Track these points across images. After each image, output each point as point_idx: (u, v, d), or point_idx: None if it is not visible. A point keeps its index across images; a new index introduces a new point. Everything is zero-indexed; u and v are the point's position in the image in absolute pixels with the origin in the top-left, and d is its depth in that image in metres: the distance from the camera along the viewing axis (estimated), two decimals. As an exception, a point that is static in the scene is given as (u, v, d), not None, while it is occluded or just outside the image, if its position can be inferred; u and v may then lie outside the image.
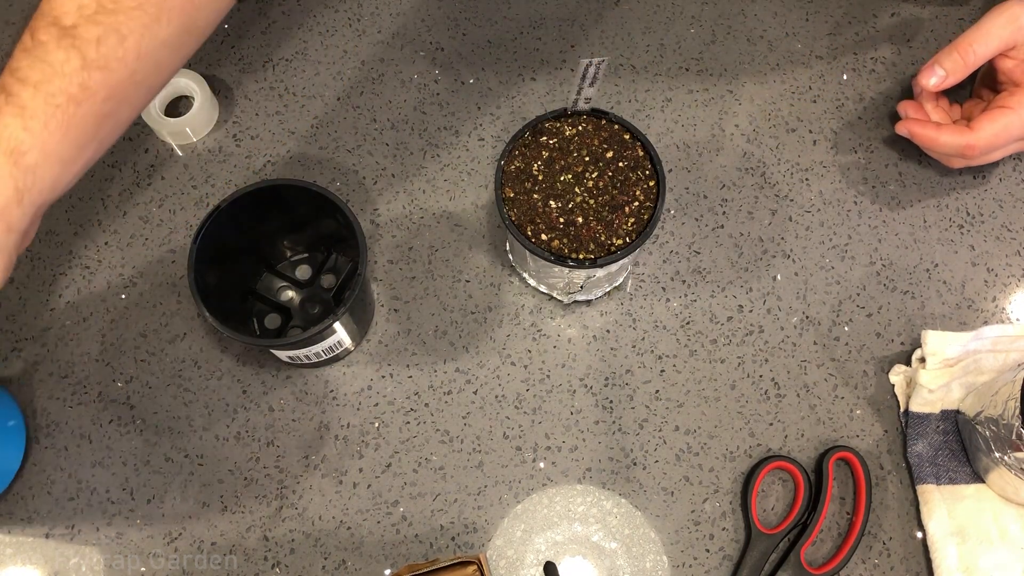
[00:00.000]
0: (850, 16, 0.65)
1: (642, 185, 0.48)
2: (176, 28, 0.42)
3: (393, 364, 0.55)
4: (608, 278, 0.53)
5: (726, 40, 0.64)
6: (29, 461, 0.53)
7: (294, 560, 0.51)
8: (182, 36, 0.43)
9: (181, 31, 0.42)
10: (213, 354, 0.55)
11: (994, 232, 0.59)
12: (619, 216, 0.48)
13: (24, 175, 0.38)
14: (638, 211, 0.48)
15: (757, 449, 0.54)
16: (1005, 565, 0.50)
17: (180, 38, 0.43)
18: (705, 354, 0.56)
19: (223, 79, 0.62)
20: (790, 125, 0.62)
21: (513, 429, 0.54)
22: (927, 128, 0.56)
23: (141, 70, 0.41)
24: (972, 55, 0.54)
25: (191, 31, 0.44)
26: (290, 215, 0.52)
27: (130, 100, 0.42)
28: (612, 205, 0.48)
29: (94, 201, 0.59)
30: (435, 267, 0.57)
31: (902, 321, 0.57)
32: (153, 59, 0.41)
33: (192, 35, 0.44)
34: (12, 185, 0.38)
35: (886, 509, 0.53)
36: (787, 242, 0.59)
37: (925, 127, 0.56)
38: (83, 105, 0.39)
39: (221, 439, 0.53)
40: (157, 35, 0.41)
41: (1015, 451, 0.47)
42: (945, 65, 0.55)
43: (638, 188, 0.48)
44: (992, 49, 0.54)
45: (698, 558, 0.51)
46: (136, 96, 0.42)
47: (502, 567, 0.51)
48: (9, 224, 0.38)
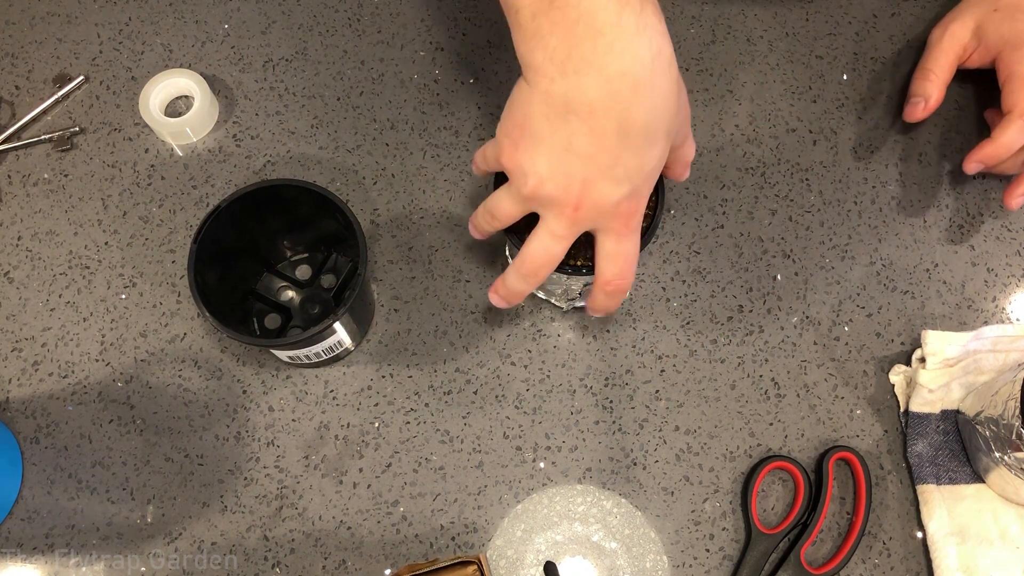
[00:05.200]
0: (850, 16, 0.65)
1: None
2: None
3: (393, 364, 0.55)
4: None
5: (726, 40, 0.64)
6: (29, 462, 0.53)
7: (294, 560, 0.51)
8: None
9: None
10: (213, 354, 0.55)
11: (994, 232, 0.59)
12: None
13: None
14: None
15: (757, 449, 0.54)
16: (1005, 565, 0.50)
17: None
18: (705, 354, 0.56)
19: (223, 79, 0.62)
20: (790, 125, 0.62)
21: (513, 429, 0.54)
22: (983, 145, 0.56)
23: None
24: (935, 76, 0.58)
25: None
26: (290, 215, 0.52)
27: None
28: None
29: (94, 201, 0.59)
30: (435, 267, 0.57)
31: (902, 321, 0.57)
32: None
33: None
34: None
35: (886, 509, 0.53)
36: (787, 242, 0.59)
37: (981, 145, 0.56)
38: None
39: (221, 439, 0.53)
40: None
41: (1015, 451, 0.47)
42: (920, 93, 0.58)
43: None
44: (950, 62, 0.58)
45: (698, 558, 0.51)
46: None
47: (502, 567, 0.51)
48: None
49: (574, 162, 0.39)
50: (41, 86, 0.62)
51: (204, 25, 0.63)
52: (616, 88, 0.37)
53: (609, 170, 0.39)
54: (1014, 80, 0.55)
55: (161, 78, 0.60)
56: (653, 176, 0.42)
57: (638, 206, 0.42)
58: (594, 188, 0.40)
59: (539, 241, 0.43)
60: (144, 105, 0.59)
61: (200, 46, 0.63)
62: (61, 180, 0.59)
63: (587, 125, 0.38)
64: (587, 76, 0.37)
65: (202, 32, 0.63)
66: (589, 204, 0.40)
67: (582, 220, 0.41)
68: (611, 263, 0.43)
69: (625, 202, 0.41)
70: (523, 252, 0.44)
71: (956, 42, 0.58)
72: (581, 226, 0.42)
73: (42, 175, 0.59)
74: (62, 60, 0.62)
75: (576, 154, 0.39)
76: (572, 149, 0.39)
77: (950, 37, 0.58)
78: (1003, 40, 0.56)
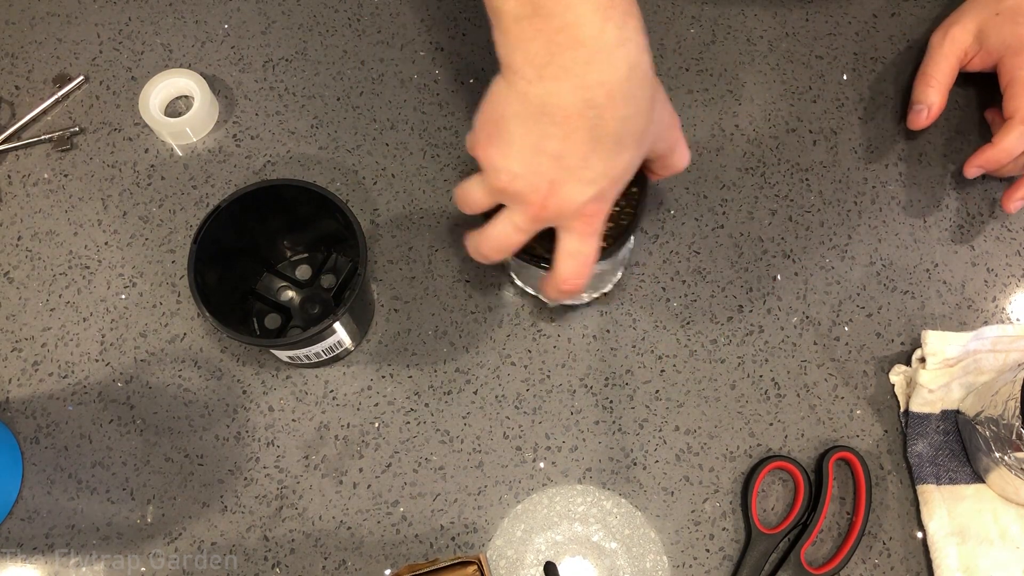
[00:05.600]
0: (850, 16, 0.65)
1: (625, 190, 0.47)
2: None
3: (393, 364, 0.55)
4: (591, 284, 0.53)
5: (726, 40, 0.64)
6: (29, 462, 0.53)
7: (294, 560, 0.51)
8: None
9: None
10: (213, 354, 0.55)
11: (994, 232, 0.59)
12: None
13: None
14: (618, 216, 0.47)
15: (757, 449, 0.54)
16: (1005, 565, 0.50)
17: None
18: (705, 354, 0.56)
19: (223, 79, 0.62)
20: (790, 125, 0.62)
21: (513, 429, 0.54)
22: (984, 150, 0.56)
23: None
24: (937, 81, 0.58)
25: None
26: (290, 215, 0.52)
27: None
28: None
29: (94, 201, 0.59)
30: (435, 267, 0.57)
31: (902, 321, 0.57)
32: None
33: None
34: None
35: (886, 509, 0.53)
36: (787, 242, 0.59)
37: (982, 150, 0.56)
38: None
39: (221, 439, 0.53)
40: None
41: (1015, 451, 0.47)
42: (922, 100, 0.58)
43: (621, 195, 0.47)
44: (951, 67, 0.58)
45: (698, 558, 0.51)
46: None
47: (502, 567, 0.51)
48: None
49: (544, 163, 0.40)
50: (41, 86, 0.62)
51: (204, 25, 0.63)
52: (591, 96, 0.38)
53: (577, 172, 0.40)
54: (1015, 85, 0.55)
55: (161, 78, 0.60)
56: (620, 181, 0.42)
57: (602, 209, 0.43)
58: (561, 189, 0.41)
59: (500, 228, 0.44)
60: (144, 105, 0.59)
61: (200, 46, 0.63)
62: (61, 180, 0.59)
63: (560, 129, 0.39)
64: (564, 82, 0.38)
65: (202, 32, 0.63)
66: (555, 204, 0.41)
67: (546, 217, 0.43)
68: (569, 261, 0.44)
69: (591, 204, 0.42)
70: (484, 232, 0.45)
71: (957, 46, 0.58)
72: (544, 223, 0.43)
73: (42, 175, 0.59)
74: (62, 60, 0.62)
75: (547, 155, 0.40)
76: (543, 150, 0.40)
77: (951, 41, 0.58)
78: (1004, 44, 0.56)
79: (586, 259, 0.44)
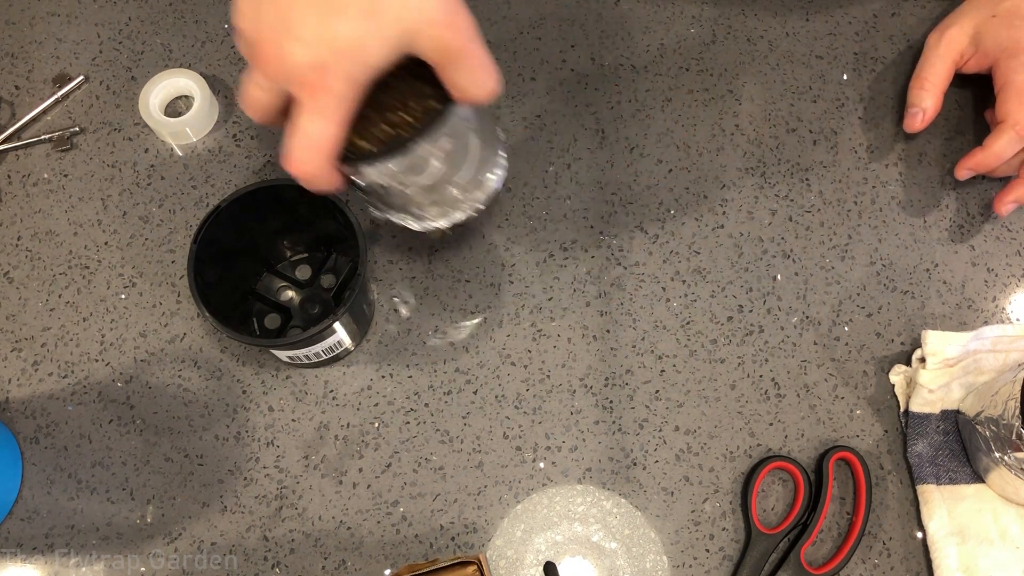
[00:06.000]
0: (850, 16, 0.65)
1: (425, 104, 0.42)
2: None
3: (393, 364, 0.55)
4: (398, 201, 0.46)
5: (726, 40, 0.64)
6: (29, 462, 0.53)
7: (294, 560, 0.51)
8: None
9: None
10: (213, 354, 0.55)
11: (994, 232, 0.59)
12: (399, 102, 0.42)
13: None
14: (400, 125, 0.42)
15: (757, 449, 0.54)
16: (1005, 565, 0.50)
17: None
18: (705, 354, 0.56)
19: (223, 79, 0.62)
20: (790, 125, 0.62)
21: (513, 429, 0.54)
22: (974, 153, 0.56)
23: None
24: (932, 84, 0.58)
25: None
26: (290, 215, 0.52)
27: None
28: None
29: (94, 201, 0.59)
30: (435, 267, 0.57)
31: (902, 321, 0.57)
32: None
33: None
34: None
35: (886, 509, 0.53)
36: (787, 242, 0.59)
37: (972, 153, 0.56)
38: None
39: (221, 439, 0.53)
40: None
41: (1015, 451, 0.47)
42: (917, 104, 0.58)
43: (419, 103, 0.42)
44: (947, 69, 0.58)
45: (698, 558, 0.51)
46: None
47: (502, 567, 0.51)
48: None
49: (266, 11, 0.39)
50: (41, 86, 0.62)
51: (204, 25, 0.63)
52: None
53: (292, 28, 0.38)
54: (1009, 89, 0.55)
55: (161, 78, 0.60)
56: (347, 57, 0.39)
57: (326, 84, 0.39)
58: (281, 41, 0.39)
59: (245, 82, 0.42)
60: (144, 105, 0.59)
61: (200, 46, 0.63)
62: (61, 180, 0.59)
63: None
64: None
65: (202, 32, 0.63)
66: (276, 59, 0.39)
67: (275, 75, 0.40)
68: (294, 138, 0.41)
69: (311, 71, 0.39)
70: (239, 92, 0.43)
71: (953, 48, 0.58)
72: (276, 82, 0.41)
73: (42, 175, 0.59)
74: (62, 60, 0.62)
75: (268, 4, 0.39)
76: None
77: (947, 43, 0.58)
78: (1000, 47, 0.56)
79: (311, 140, 0.40)
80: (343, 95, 0.40)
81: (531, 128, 0.61)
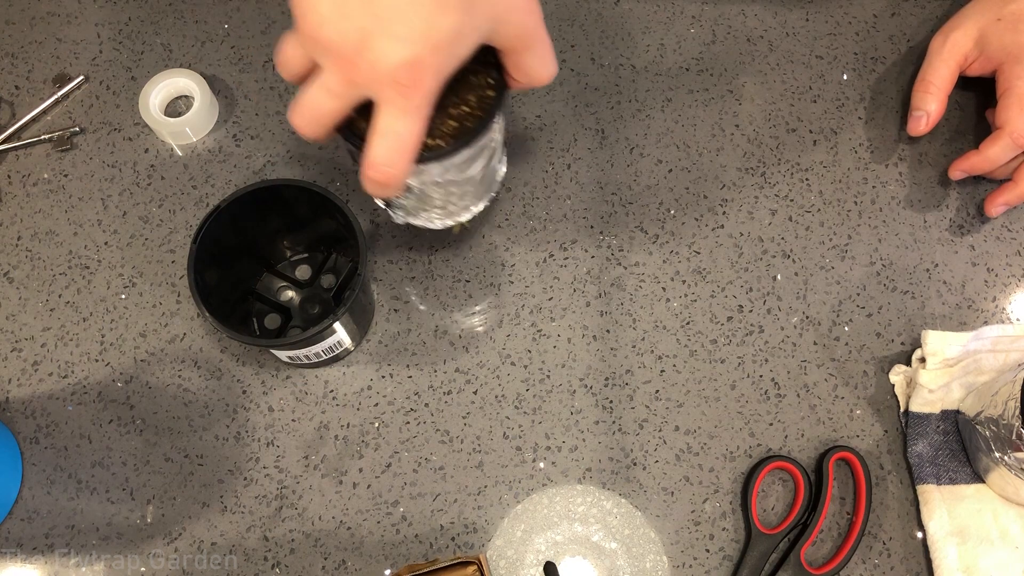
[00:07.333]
0: (850, 16, 0.65)
1: (479, 93, 0.42)
2: None
3: (393, 364, 0.55)
4: (438, 200, 0.45)
5: (726, 40, 0.64)
6: (29, 462, 0.53)
7: (294, 560, 0.51)
8: None
9: None
10: (213, 354, 0.55)
11: (994, 232, 0.59)
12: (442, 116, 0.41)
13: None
14: (464, 118, 0.42)
15: (757, 449, 0.54)
16: (1005, 565, 0.50)
17: None
18: (705, 354, 0.56)
19: (223, 79, 0.62)
20: (790, 125, 0.62)
21: (513, 429, 0.54)
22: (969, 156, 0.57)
23: None
24: (936, 87, 0.58)
25: None
26: (290, 215, 0.52)
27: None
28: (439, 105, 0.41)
29: (94, 201, 0.59)
30: (435, 267, 0.57)
31: (902, 321, 0.57)
32: None
33: None
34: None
35: (886, 509, 0.53)
36: (787, 242, 0.59)
37: (967, 156, 0.57)
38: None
39: (221, 439, 0.53)
40: None
41: (1015, 451, 0.47)
42: (921, 107, 0.58)
43: (472, 94, 0.42)
44: (951, 72, 0.58)
45: (698, 558, 0.51)
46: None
47: (502, 567, 0.51)
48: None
49: (355, 7, 0.36)
50: (41, 86, 0.62)
51: (204, 25, 0.63)
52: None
53: (391, 25, 0.36)
54: (1010, 95, 0.55)
55: (161, 78, 0.60)
56: (443, 52, 0.37)
57: (421, 81, 0.37)
58: (373, 42, 0.36)
59: (313, 91, 0.39)
60: (144, 105, 0.59)
61: (200, 46, 0.63)
62: (61, 180, 0.59)
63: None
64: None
65: (202, 32, 0.63)
66: (366, 61, 0.37)
67: (358, 81, 0.38)
68: (381, 142, 0.38)
69: (406, 69, 0.37)
70: (298, 98, 0.40)
71: (957, 51, 0.58)
72: (357, 88, 0.38)
73: (42, 175, 0.59)
74: (62, 60, 0.62)
75: (360, 5, 0.36)
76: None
77: (951, 46, 0.58)
78: (1005, 51, 0.56)
79: (402, 141, 0.38)
80: (432, 91, 0.38)
81: (531, 128, 0.61)
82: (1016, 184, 0.56)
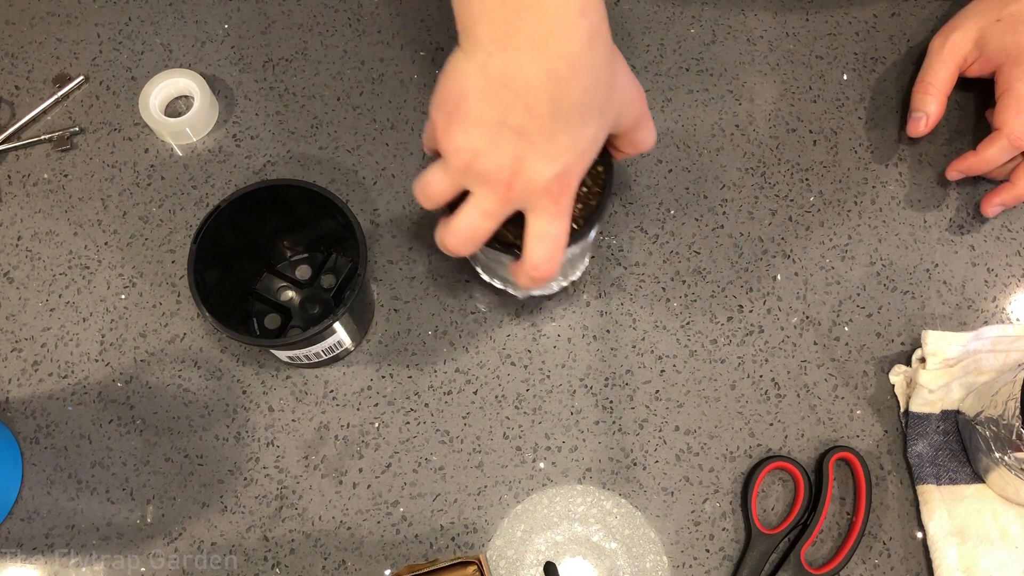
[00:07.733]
0: (850, 16, 0.65)
1: (591, 170, 0.46)
2: None
3: (393, 364, 0.55)
4: (561, 271, 0.50)
5: (726, 40, 0.64)
6: (29, 462, 0.53)
7: (294, 560, 0.51)
8: None
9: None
10: (213, 354, 0.55)
11: (994, 232, 0.59)
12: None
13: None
14: (585, 197, 0.46)
15: (757, 449, 0.54)
16: (1005, 565, 0.50)
17: None
18: (705, 354, 0.56)
19: (223, 79, 0.62)
20: (790, 125, 0.62)
21: (513, 429, 0.54)
22: (967, 156, 0.57)
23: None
24: (935, 89, 0.58)
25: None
26: (290, 215, 0.52)
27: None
28: None
29: (94, 201, 0.59)
30: (435, 267, 0.57)
31: (902, 321, 0.57)
32: None
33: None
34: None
35: (886, 509, 0.53)
36: (787, 242, 0.59)
37: (964, 156, 0.57)
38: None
39: (221, 439, 0.53)
40: None
41: (1015, 451, 0.47)
42: (921, 108, 0.58)
43: (587, 174, 0.45)
44: (950, 73, 0.58)
45: (698, 558, 0.51)
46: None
47: (502, 567, 0.51)
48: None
49: (507, 137, 0.39)
50: (41, 86, 0.62)
51: (204, 25, 0.63)
52: (554, 67, 0.37)
53: (542, 147, 0.39)
54: (1009, 96, 0.55)
55: (161, 78, 0.60)
56: (586, 156, 0.41)
57: (569, 186, 0.41)
58: (527, 165, 0.39)
59: (468, 216, 0.42)
60: (144, 105, 0.59)
61: (200, 46, 0.63)
62: (61, 180, 0.59)
63: (522, 101, 0.38)
64: (525, 54, 0.37)
65: (202, 32, 0.63)
66: (521, 182, 0.40)
67: (513, 199, 0.41)
68: (539, 245, 0.42)
69: (557, 181, 0.40)
70: (450, 223, 0.43)
71: (957, 52, 0.58)
72: (512, 205, 0.41)
73: (42, 175, 0.59)
74: (62, 60, 0.62)
75: (510, 129, 0.39)
76: (506, 124, 0.39)
77: (951, 47, 0.58)
78: (1004, 52, 0.56)
79: (557, 241, 0.42)
80: (576, 191, 0.42)
81: (531, 128, 0.61)
82: (1013, 185, 0.56)
